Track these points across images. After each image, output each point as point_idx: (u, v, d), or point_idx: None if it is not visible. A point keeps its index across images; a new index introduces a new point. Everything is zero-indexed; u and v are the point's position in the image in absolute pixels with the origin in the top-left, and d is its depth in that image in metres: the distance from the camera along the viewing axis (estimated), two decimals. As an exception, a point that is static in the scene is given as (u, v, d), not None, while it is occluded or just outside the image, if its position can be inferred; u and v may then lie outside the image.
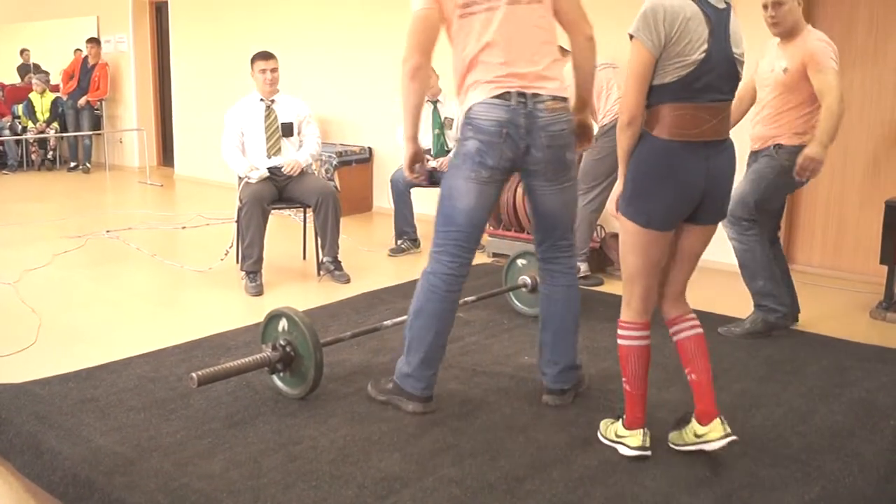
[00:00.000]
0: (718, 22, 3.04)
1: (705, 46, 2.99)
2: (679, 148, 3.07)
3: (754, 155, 4.97)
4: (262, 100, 6.35)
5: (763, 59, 4.94)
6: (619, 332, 3.31)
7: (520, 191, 6.80)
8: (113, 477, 3.11)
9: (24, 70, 13.86)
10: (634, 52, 3.03)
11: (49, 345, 4.83)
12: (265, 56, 6.35)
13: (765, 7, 4.68)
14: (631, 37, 3.02)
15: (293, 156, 6.27)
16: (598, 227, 6.64)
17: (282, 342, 3.87)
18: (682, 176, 3.09)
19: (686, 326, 3.35)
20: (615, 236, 6.52)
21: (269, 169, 6.18)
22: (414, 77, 3.68)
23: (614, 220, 3.39)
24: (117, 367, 4.28)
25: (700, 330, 3.36)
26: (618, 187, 3.21)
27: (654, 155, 3.10)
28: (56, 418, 3.62)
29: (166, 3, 11.92)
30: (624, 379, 3.33)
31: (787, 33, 4.73)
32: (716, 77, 3.04)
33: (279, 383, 3.95)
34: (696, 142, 3.07)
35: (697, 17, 2.99)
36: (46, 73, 13.17)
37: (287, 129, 6.35)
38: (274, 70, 6.34)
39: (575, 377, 3.88)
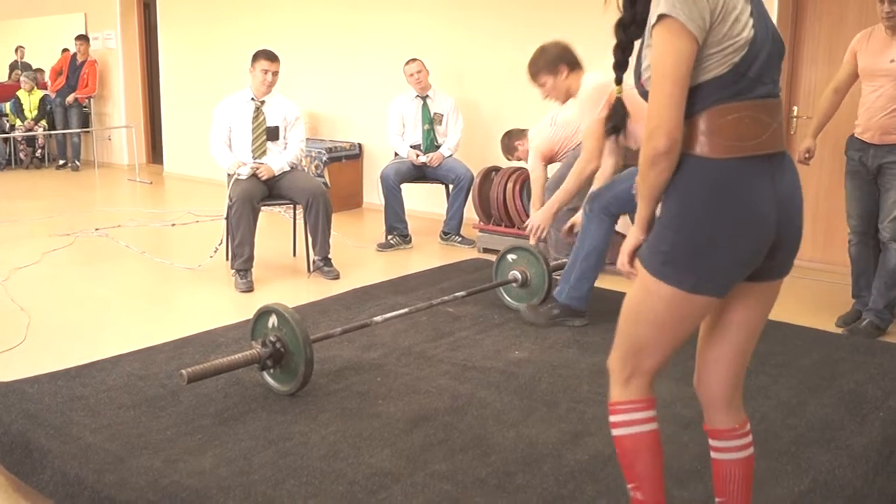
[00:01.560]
0: None
1: (751, 21, 2.09)
2: (739, 168, 2.10)
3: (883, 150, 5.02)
4: (252, 99, 6.33)
5: (868, 52, 5.07)
6: (615, 418, 2.34)
7: (510, 186, 6.81)
8: (103, 474, 3.10)
9: (15, 67, 13.80)
10: (669, 41, 2.04)
11: (38, 343, 4.82)
12: (270, 57, 6.32)
13: (881, 1, 4.89)
14: (660, 18, 2.05)
15: (270, 163, 6.26)
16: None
17: (272, 339, 3.86)
18: (751, 209, 2.10)
19: (737, 445, 2.44)
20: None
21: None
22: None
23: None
24: (107, 364, 4.27)
25: (752, 450, 2.48)
26: (634, 236, 2.29)
27: (707, 185, 2.10)
28: (45, 416, 3.60)
29: (154, -1, 11.89)
30: (631, 485, 2.38)
31: None
32: (765, 62, 2.13)
33: (269, 380, 3.94)
34: (759, 156, 2.12)
35: None
36: (35, 71, 13.13)
37: (272, 133, 6.34)
38: (275, 73, 6.33)
39: None
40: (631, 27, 2.23)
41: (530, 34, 7.59)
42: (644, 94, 2.15)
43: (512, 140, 6.80)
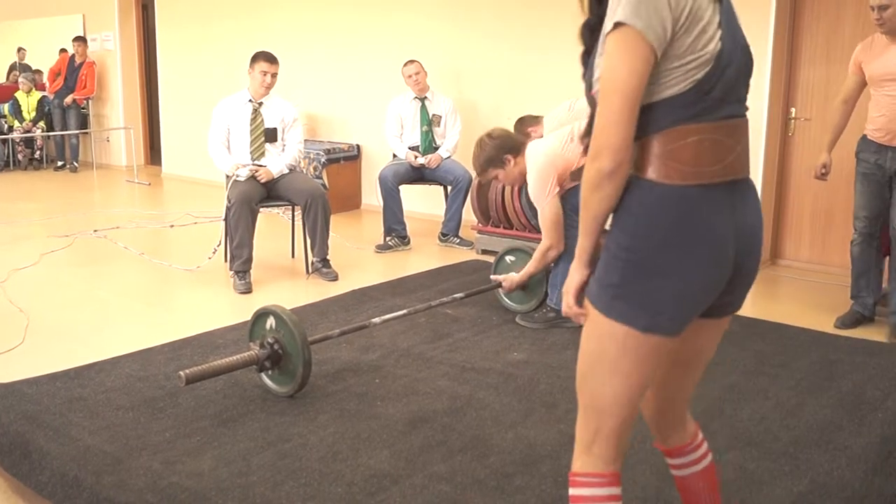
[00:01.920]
0: (724, 1, 1.93)
1: (719, 33, 1.85)
2: (697, 196, 1.88)
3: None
4: (251, 100, 6.33)
5: (873, 60, 5.10)
6: (574, 491, 2.07)
7: (508, 188, 6.81)
8: (101, 476, 3.10)
9: (14, 69, 13.78)
10: (623, 51, 1.80)
11: (37, 344, 4.81)
12: (269, 59, 6.31)
13: (872, 9, 4.96)
14: (616, 26, 1.81)
15: (268, 165, 6.26)
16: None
17: (269, 340, 3.86)
18: (709, 242, 1.89)
19: (694, 458, 2.32)
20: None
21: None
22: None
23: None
24: (105, 366, 4.27)
25: (710, 457, 2.35)
26: (578, 272, 2.04)
27: (660, 213, 1.88)
28: (44, 418, 3.61)
29: (152, 0, 11.87)
30: None
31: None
32: (733, 79, 1.90)
33: (268, 381, 3.94)
34: (719, 183, 1.90)
35: None
36: (34, 72, 13.12)
37: (270, 135, 6.33)
38: (274, 75, 6.32)
39: None
40: (598, 30, 1.93)
41: (529, 35, 7.62)
42: (594, 105, 1.91)
43: (524, 127, 6.74)
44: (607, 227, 1.97)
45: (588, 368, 2.04)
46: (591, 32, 1.98)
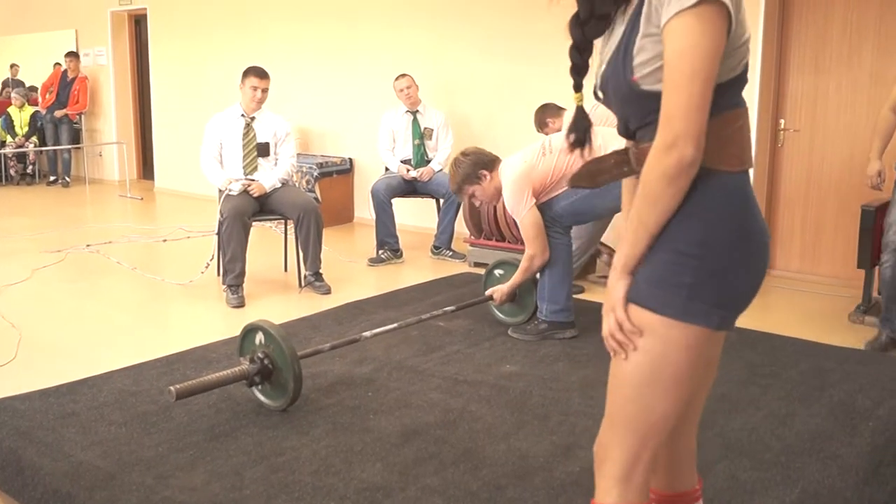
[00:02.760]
0: None
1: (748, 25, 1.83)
2: (748, 182, 1.87)
3: None
4: (243, 115, 6.34)
5: None
6: None
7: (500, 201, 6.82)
8: (94, 492, 3.10)
9: (7, 84, 13.78)
10: (705, 30, 1.68)
11: (29, 360, 4.81)
12: (260, 74, 6.33)
13: None
14: (699, 3, 1.67)
15: (261, 179, 6.27)
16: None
17: (259, 355, 3.86)
18: (763, 226, 1.89)
19: None
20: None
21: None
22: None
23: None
24: (98, 381, 4.27)
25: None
26: (622, 282, 1.87)
27: (729, 202, 1.81)
28: (37, 433, 3.60)
29: (145, 15, 11.90)
30: None
31: None
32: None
33: (260, 395, 3.95)
34: (748, 171, 1.89)
35: None
36: (27, 88, 13.13)
37: (263, 150, 6.35)
38: (265, 90, 6.33)
39: None
40: (589, 23, 1.86)
41: (520, 49, 7.65)
42: (637, 94, 1.80)
43: (545, 115, 6.73)
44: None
45: (642, 385, 1.84)
46: (581, 27, 1.88)
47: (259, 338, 3.91)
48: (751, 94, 6.36)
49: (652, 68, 1.75)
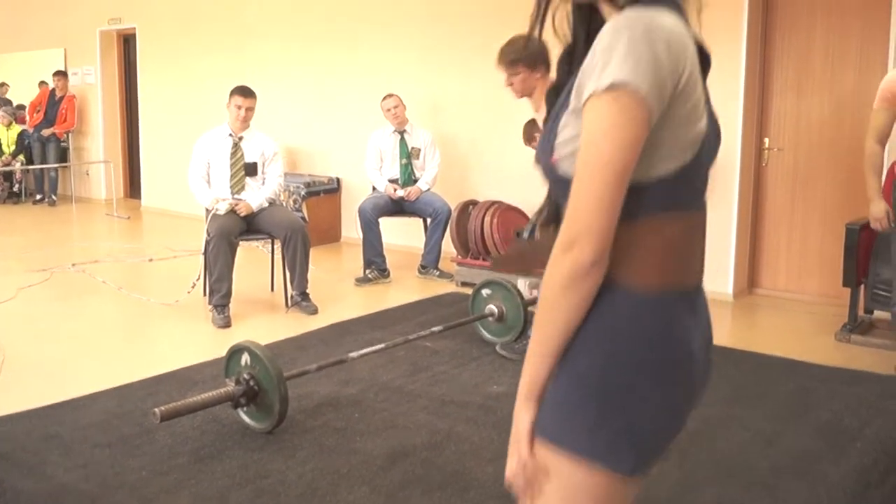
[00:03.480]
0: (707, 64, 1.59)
1: (706, 110, 1.53)
2: (678, 303, 1.52)
3: None
4: (231, 134, 6.34)
5: None
6: None
7: (487, 219, 6.83)
8: (77, 515, 3.08)
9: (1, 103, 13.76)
10: (617, 117, 1.40)
11: (13, 380, 4.78)
12: (244, 93, 6.34)
13: None
14: (609, 88, 1.40)
15: (248, 199, 6.27)
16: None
17: (245, 376, 3.85)
18: (693, 358, 1.54)
19: None
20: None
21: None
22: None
23: None
24: (82, 402, 4.25)
25: None
26: (528, 413, 1.56)
27: (643, 324, 1.49)
28: (19, 455, 3.58)
29: (134, 35, 11.89)
30: None
31: None
32: (707, 167, 1.57)
33: (245, 417, 3.93)
34: (693, 288, 1.57)
35: (695, 55, 1.51)
36: (15, 107, 13.10)
37: (251, 169, 6.34)
38: (249, 109, 6.33)
39: None
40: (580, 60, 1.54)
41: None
42: (554, 178, 1.54)
43: (534, 129, 6.73)
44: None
45: None
46: (568, 65, 1.63)
47: (245, 359, 3.90)
48: (734, 113, 6.38)
49: (570, 150, 1.47)
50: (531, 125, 6.74)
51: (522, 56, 4.85)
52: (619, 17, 1.45)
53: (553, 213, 1.63)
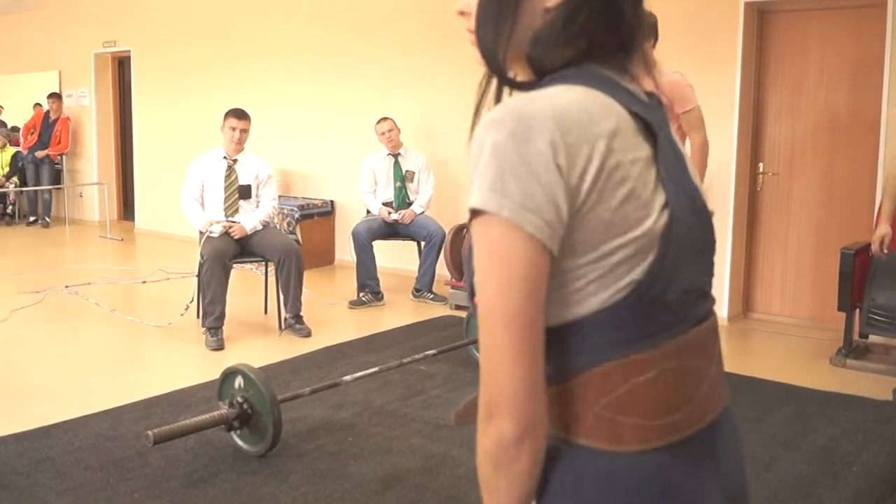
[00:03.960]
0: (661, 130, 1.18)
1: (662, 196, 1.13)
2: (668, 462, 1.15)
3: None
4: (225, 157, 6.34)
5: None
6: None
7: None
8: (68, 539, 3.05)
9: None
10: (494, 256, 1.07)
11: (4, 403, 4.74)
12: (238, 115, 6.35)
13: None
14: (473, 214, 1.10)
15: (242, 221, 6.26)
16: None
17: (239, 399, 3.83)
18: None
19: None
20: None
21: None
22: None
23: None
24: (74, 425, 4.22)
25: None
26: None
27: (616, 495, 1.14)
28: (10, 479, 3.55)
29: (128, 57, 11.91)
30: None
31: None
32: (692, 262, 1.18)
33: (238, 440, 3.90)
34: (696, 434, 1.18)
35: (628, 129, 1.13)
36: (10, 129, 13.10)
37: (245, 192, 6.34)
38: (244, 131, 6.34)
39: None
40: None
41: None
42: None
43: None
44: None
45: None
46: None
47: (238, 381, 3.88)
48: (729, 138, 6.40)
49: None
50: None
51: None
52: (497, 106, 1.15)
53: None
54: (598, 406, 1.12)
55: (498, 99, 1.28)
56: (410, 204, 7.50)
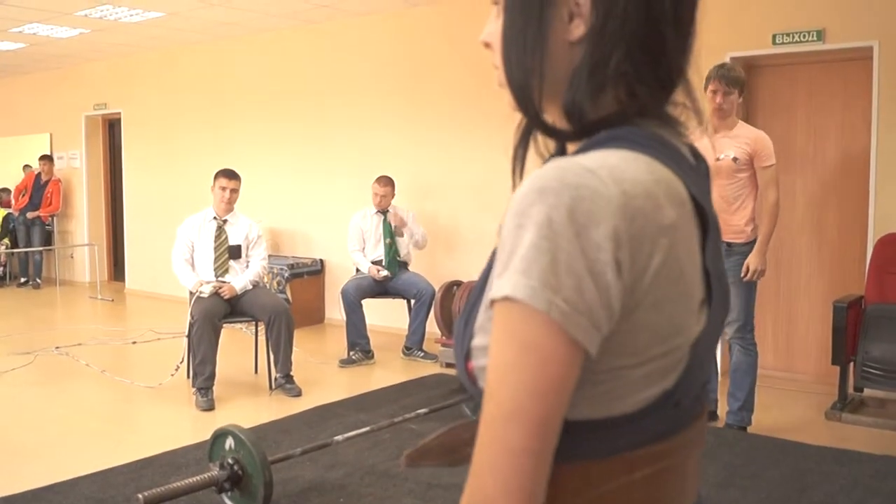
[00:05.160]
0: (711, 210, 1.03)
1: (702, 293, 1.01)
2: None
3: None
4: (215, 218, 6.35)
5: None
6: None
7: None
8: None
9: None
10: (518, 349, 0.90)
11: (-8, 467, 4.70)
12: (229, 175, 6.37)
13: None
14: (504, 300, 0.91)
15: (232, 281, 6.25)
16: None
17: (229, 460, 3.79)
18: None
19: None
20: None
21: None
22: None
23: None
24: (63, 487, 4.16)
25: None
26: None
27: None
28: (-4, 545, 3.50)
29: (119, 119, 11.97)
30: None
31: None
32: (709, 361, 1.10)
33: (229, 503, 3.85)
34: None
35: (687, 216, 0.98)
36: (1, 191, 13.11)
37: (235, 252, 6.35)
38: (234, 191, 6.36)
39: None
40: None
41: (487, 149, 7.72)
42: (472, 389, 1.05)
43: None
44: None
45: None
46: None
47: (229, 443, 3.84)
48: (720, 193, 6.42)
49: (483, 364, 0.98)
50: None
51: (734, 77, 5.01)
52: (546, 168, 0.94)
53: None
54: (583, 499, 1.00)
55: (525, 144, 1.13)
56: (401, 260, 7.48)
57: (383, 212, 7.50)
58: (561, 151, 1.09)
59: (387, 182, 7.53)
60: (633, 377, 0.97)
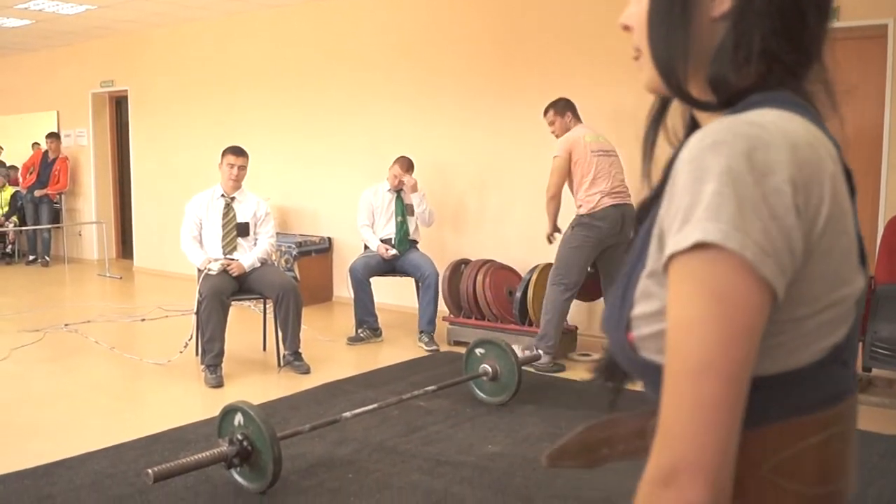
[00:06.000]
0: (853, 178, 1.09)
1: (857, 252, 1.05)
2: None
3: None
4: (223, 195, 6.36)
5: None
6: None
7: (479, 278, 6.83)
8: (67, 578, 3.03)
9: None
10: (718, 298, 0.93)
11: (5, 441, 4.73)
12: (236, 152, 6.38)
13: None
14: (695, 248, 0.94)
15: (240, 259, 6.27)
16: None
17: (238, 436, 3.81)
18: None
19: None
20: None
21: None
22: None
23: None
24: (74, 462, 4.20)
25: None
26: None
27: None
28: (9, 518, 3.53)
29: (126, 97, 11.97)
30: None
31: None
32: (861, 314, 1.09)
33: (238, 478, 3.88)
34: None
35: (840, 173, 1.03)
36: (8, 168, 13.14)
37: (243, 230, 6.36)
38: (242, 168, 6.36)
39: None
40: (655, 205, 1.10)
41: (497, 128, 7.71)
42: (632, 362, 1.09)
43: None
44: None
45: None
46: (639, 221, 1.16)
47: (238, 419, 3.87)
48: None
49: (653, 330, 1.03)
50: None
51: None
52: (711, 125, 1.00)
53: (607, 365, 1.24)
54: (764, 468, 1.02)
55: (655, 129, 1.21)
56: (411, 239, 7.46)
57: (397, 190, 7.46)
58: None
59: (409, 167, 7.48)
60: (808, 328, 1.00)
